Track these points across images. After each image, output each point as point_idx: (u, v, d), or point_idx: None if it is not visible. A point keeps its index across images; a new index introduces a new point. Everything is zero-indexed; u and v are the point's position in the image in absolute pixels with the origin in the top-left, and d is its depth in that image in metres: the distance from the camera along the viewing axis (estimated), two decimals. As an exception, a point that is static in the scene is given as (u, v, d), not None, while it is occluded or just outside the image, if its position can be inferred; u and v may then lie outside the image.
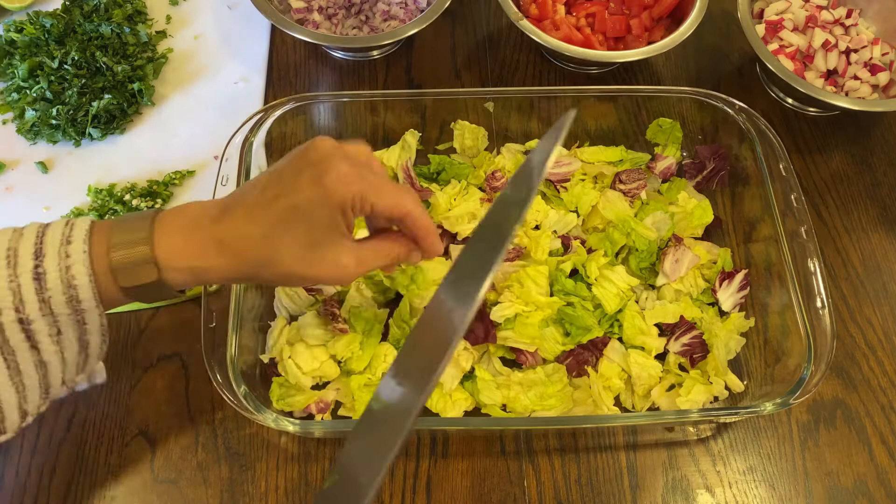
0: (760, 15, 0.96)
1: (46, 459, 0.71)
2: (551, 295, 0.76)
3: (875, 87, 0.92)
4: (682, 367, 0.76)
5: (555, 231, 0.81)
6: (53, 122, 0.87)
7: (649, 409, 0.74)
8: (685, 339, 0.75)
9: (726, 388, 0.74)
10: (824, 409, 0.77)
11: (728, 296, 0.79)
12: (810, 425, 0.76)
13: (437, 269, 0.76)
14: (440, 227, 0.79)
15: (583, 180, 0.84)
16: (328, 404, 0.73)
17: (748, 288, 0.79)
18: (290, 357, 0.72)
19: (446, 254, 0.79)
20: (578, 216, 0.82)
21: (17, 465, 0.71)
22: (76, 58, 0.89)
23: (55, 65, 0.89)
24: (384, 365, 0.72)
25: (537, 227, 0.81)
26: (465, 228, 0.79)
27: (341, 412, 0.73)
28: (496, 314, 0.74)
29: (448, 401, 0.72)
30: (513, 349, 0.75)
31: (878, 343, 0.80)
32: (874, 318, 0.82)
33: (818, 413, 0.76)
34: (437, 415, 0.72)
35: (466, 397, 0.73)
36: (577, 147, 0.88)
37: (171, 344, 0.77)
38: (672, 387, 0.74)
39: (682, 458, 0.73)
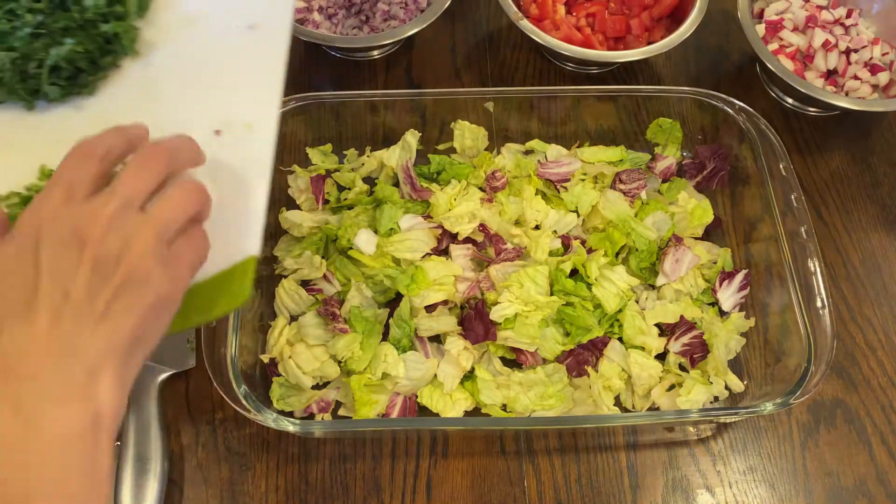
0: (760, 15, 0.96)
1: (46, 459, 0.71)
2: (551, 295, 0.76)
3: (875, 86, 0.92)
4: (682, 367, 0.76)
5: (555, 231, 0.81)
6: None
7: (649, 409, 0.74)
8: (685, 339, 0.75)
9: (726, 388, 0.74)
10: (824, 409, 0.77)
11: (728, 296, 0.79)
12: (810, 425, 0.76)
13: (436, 269, 0.75)
14: (440, 226, 0.79)
15: (583, 180, 0.84)
16: (328, 404, 0.73)
17: (748, 288, 0.79)
18: (290, 357, 0.72)
19: (447, 254, 0.79)
20: (578, 216, 0.82)
21: (17, 465, 0.71)
22: None
23: None
24: (384, 365, 0.72)
25: (537, 227, 0.81)
26: (466, 228, 0.79)
27: (341, 412, 0.73)
28: (496, 314, 0.73)
29: (448, 401, 0.72)
30: (513, 349, 0.75)
31: (878, 343, 0.80)
32: (874, 318, 0.82)
33: (818, 413, 0.76)
34: (437, 415, 0.72)
35: (466, 397, 0.73)
36: (577, 147, 0.88)
37: (171, 344, 0.77)
38: (672, 387, 0.74)
39: (683, 458, 0.73)
